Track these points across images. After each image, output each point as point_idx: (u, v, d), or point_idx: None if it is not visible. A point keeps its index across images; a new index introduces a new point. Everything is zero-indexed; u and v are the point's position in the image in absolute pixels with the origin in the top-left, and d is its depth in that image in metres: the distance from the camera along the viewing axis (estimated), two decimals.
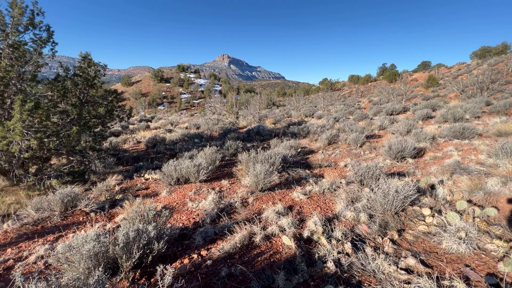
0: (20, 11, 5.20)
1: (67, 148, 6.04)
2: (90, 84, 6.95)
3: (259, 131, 11.10)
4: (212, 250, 2.54)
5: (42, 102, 5.57)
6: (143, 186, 5.34)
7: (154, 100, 46.65)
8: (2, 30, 5.23)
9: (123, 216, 3.67)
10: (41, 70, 5.95)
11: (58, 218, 3.80)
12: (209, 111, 29.76)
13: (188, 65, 77.44)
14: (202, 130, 14.01)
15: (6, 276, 2.40)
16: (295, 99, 25.80)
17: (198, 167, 4.88)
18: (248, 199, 3.96)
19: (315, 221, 2.86)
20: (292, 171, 5.35)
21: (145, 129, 16.81)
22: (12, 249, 2.93)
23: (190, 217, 3.52)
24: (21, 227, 3.58)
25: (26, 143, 4.92)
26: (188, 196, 4.35)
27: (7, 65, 4.92)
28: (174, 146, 9.26)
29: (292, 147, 7.31)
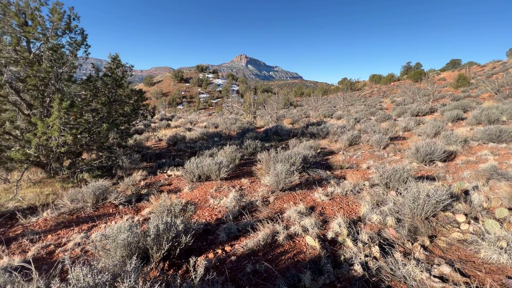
0: (59, 16, 5.61)
1: (97, 144, 6.42)
2: (118, 84, 7.33)
3: (277, 131, 11.07)
4: (236, 247, 2.58)
5: (77, 101, 5.97)
6: (166, 182, 5.53)
7: (174, 99, 48.14)
8: (43, 34, 5.66)
9: (149, 210, 3.84)
10: (76, 71, 6.37)
11: (91, 209, 4.06)
12: (226, 111, 30.17)
13: (207, 66, 79.08)
14: (220, 129, 14.24)
15: (49, 260, 2.61)
16: (313, 99, 25.40)
17: (219, 165, 4.97)
18: (269, 198, 3.97)
19: (339, 223, 2.80)
20: (313, 171, 5.28)
21: (166, 128, 17.41)
22: (52, 236, 3.18)
23: (212, 214, 3.60)
24: (59, 216, 3.87)
25: (62, 139, 5.30)
26: (210, 193, 4.45)
27: (47, 67, 5.33)
28: (194, 144, 9.51)
29: (311, 147, 7.20)
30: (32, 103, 5.64)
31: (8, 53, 5.12)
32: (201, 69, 71.15)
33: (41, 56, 5.77)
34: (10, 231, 3.42)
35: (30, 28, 5.31)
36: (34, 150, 5.06)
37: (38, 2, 5.49)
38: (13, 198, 4.79)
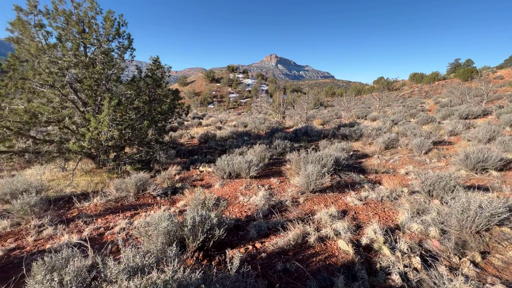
0: (111, 24, 6.22)
1: (138, 139, 6.98)
2: (157, 84, 7.87)
3: (306, 131, 10.86)
4: (266, 244, 2.61)
5: (122, 100, 6.56)
6: (198, 178, 5.80)
7: (205, 99, 50.08)
8: (97, 40, 6.33)
9: (183, 203, 4.07)
10: (123, 72, 7.01)
11: (133, 198, 4.44)
12: (255, 110, 30.46)
13: (237, 66, 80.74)
14: (249, 128, 14.44)
15: (100, 240, 2.93)
16: (345, 99, 24.35)
17: (249, 164, 5.06)
18: (298, 199, 3.93)
19: (375, 229, 2.67)
20: (345, 174, 5.08)
21: (198, 126, 18.22)
22: (101, 220, 3.56)
23: (242, 210, 3.69)
24: (106, 202, 4.31)
25: (110, 133, 5.88)
26: (239, 190, 4.56)
27: (100, 69, 5.95)
28: (224, 142, 9.80)
29: (343, 149, 6.93)
30: (87, 101, 6.34)
31: (69, 58, 5.82)
32: (232, 69, 72.85)
33: (95, 60, 6.45)
34: (68, 212, 3.91)
35: (87, 35, 5.97)
36: (87, 143, 5.69)
37: (94, 12, 6.15)
38: (70, 185, 5.46)
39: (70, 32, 5.99)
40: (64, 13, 5.77)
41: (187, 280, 1.33)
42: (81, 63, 5.85)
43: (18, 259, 2.57)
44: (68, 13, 5.82)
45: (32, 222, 3.36)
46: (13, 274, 2.30)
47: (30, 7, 5.24)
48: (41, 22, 5.40)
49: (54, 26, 5.72)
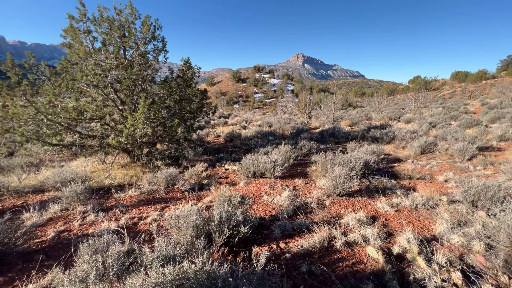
0: (147, 28, 6.65)
1: (169, 137, 7.37)
2: (187, 84, 8.22)
3: (333, 132, 10.52)
4: (290, 245, 2.59)
5: (156, 99, 6.98)
6: (223, 175, 5.94)
7: (231, 98, 51.06)
8: (135, 43, 6.80)
9: (209, 199, 4.21)
10: (157, 73, 7.45)
11: (163, 192, 4.70)
12: (280, 110, 30.29)
13: (263, 66, 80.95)
14: (274, 128, 14.41)
15: (134, 229, 3.17)
16: (376, 99, 23.09)
17: (274, 163, 5.06)
18: (324, 202, 3.83)
19: (408, 238, 2.50)
20: (374, 179, 4.83)
21: (224, 125, 18.66)
22: (135, 210, 3.84)
23: (266, 210, 3.70)
24: (140, 194, 4.63)
25: (144, 130, 6.29)
26: (264, 190, 4.58)
27: (137, 70, 6.40)
28: (249, 141, 9.90)
29: (374, 152, 6.58)
30: (125, 100, 6.86)
31: (111, 60, 6.35)
32: (258, 70, 73.28)
33: (133, 61, 6.94)
34: (107, 202, 4.28)
35: (127, 39, 6.45)
36: (124, 138, 6.15)
37: (134, 17, 6.63)
38: (108, 176, 5.95)
39: (112, 37, 6.52)
40: (108, 20, 6.30)
41: (216, 272, 1.39)
42: (121, 65, 6.34)
43: (67, 240, 2.89)
44: (111, 19, 6.34)
45: (78, 208, 3.74)
46: (63, 253, 2.59)
47: (80, 15, 5.81)
48: (89, 29, 5.96)
49: (99, 32, 6.27)
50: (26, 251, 2.66)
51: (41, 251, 2.67)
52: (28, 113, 5.31)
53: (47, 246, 2.78)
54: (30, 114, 5.31)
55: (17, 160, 7.28)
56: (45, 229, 3.20)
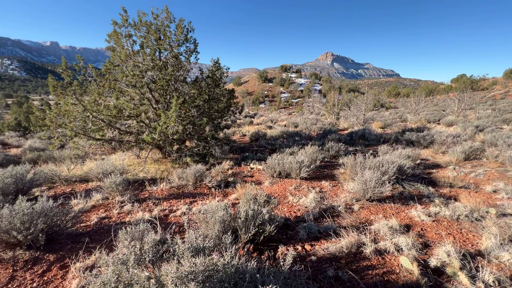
0: (181, 30, 6.99)
1: (197, 135, 7.66)
2: (216, 84, 8.47)
3: (364, 134, 10.02)
4: (316, 248, 2.54)
5: (186, 98, 7.31)
6: (248, 174, 6.01)
7: (257, 98, 51.37)
8: (169, 45, 7.19)
9: (235, 196, 4.30)
10: (188, 74, 7.79)
11: (191, 187, 4.91)
12: (307, 111, 29.70)
13: (290, 65, 79.99)
14: (300, 129, 14.18)
15: (165, 221, 3.36)
16: (413, 100, 21.44)
17: (300, 164, 4.98)
18: (352, 206, 3.68)
19: (448, 251, 2.29)
20: (409, 185, 4.50)
21: (249, 124, 18.87)
22: (166, 203, 4.07)
23: (291, 210, 3.67)
24: (170, 188, 4.89)
25: (175, 128, 6.63)
26: (289, 190, 4.54)
27: (171, 71, 6.76)
28: (274, 141, 9.88)
29: (409, 157, 6.14)
30: (159, 99, 7.29)
31: (147, 62, 6.79)
32: (285, 69, 72.66)
33: (167, 63, 7.34)
34: (141, 194, 4.60)
35: (162, 41, 6.85)
36: (157, 135, 6.54)
37: (169, 21, 7.01)
38: (142, 170, 6.38)
39: (149, 40, 6.96)
40: (146, 24, 6.74)
41: (243, 267, 1.42)
42: (156, 66, 6.75)
43: (107, 226, 3.17)
44: (149, 24, 6.78)
45: (117, 198, 4.08)
46: (104, 238, 2.85)
47: (122, 21, 6.32)
48: (130, 33, 6.44)
49: (138, 35, 6.74)
50: (74, 233, 2.99)
51: (86, 234, 2.97)
52: (77, 110, 5.92)
53: (91, 230, 3.08)
54: (78, 111, 5.91)
55: (66, 152, 8.17)
56: (89, 215, 3.55)
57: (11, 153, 9.18)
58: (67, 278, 2.16)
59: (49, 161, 7.76)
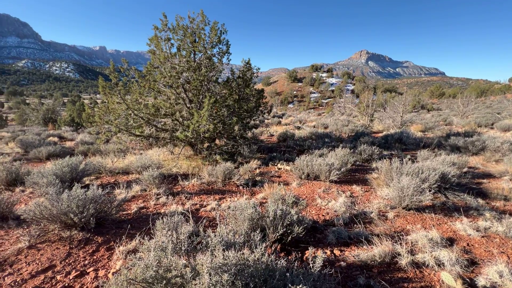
0: (215, 33, 7.25)
1: (227, 133, 7.87)
2: (246, 85, 8.60)
3: (400, 138, 9.34)
4: (346, 253, 2.46)
5: (218, 98, 7.56)
6: (276, 174, 6.02)
7: (286, 98, 50.89)
8: (203, 47, 7.50)
9: (262, 195, 4.34)
10: (220, 74, 8.04)
11: (220, 184, 5.08)
12: (337, 111, 28.60)
13: (321, 65, 77.62)
14: (330, 130, 13.73)
15: (196, 214, 3.54)
16: (460, 101, 19.34)
17: (330, 167, 4.84)
18: (386, 213, 3.47)
19: (500, 271, 2.04)
20: (454, 195, 4.09)
21: (277, 124, 18.81)
22: (197, 198, 4.28)
23: (319, 213, 3.59)
24: (201, 184, 5.12)
25: (207, 127, 6.91)
26: (317, 193, 4.44)
27: (204, 72, 7.06)
28: (303, 142, 9.72)
29: (454, 164, 5.56)
30: (192, 99, 7.66)
31: (183, 64, 7.18)
32: (315, 69, 70.82)
33: (200, 64, 7.67)
34: (174, 187, 4.89)
35: (197, 44, 7.18)
36: (190, 133, 6.88)
37: (204, 24, 7.33)
38: (175, 166, 6.77)
39: (185, 42, 7.34)
40: (183, 27, 7.13)
41: (273, 265, 1.44)
42: (191, 68, 7.11)
43: (145, 216, 3.45)
44: (185, 27, 7.15)
45: (153, 190, 4.41)
46: (143, 226, 3.11)
47: (162, 25, 6.77)
48: (168, 36, 6.88)
49: (175, 39, 7.15)
50: (118, 219, 3.30)
51: (127, 221, 3.27)
52: (121, 108, 6.50)
53: (131, 218, 3.38)
54: (122, 109, 6.49)
55: (111, 146, 9.01)
56: (130, 204, 3.89)
57: (66, 146, 10.43)
58: (112, 259, 2.41)
59: (97, 153, 8.65)
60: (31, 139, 9.95)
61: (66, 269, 2.27)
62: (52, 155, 7.96)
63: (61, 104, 31.70)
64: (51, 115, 20.11)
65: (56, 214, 2.65)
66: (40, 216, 2.64)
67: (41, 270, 2.25)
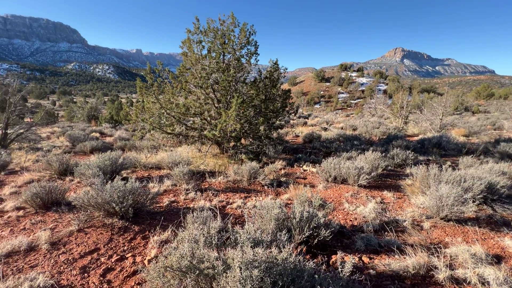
0: (244, 34, 7.38)
1: (252, 133, 7.97)
2: (273, 85, 8.61)
3: (439, 142, 8.60)
4: (376, 261, 2.36)
5: (245, 98, 7.68)
6: (301, 176, 5.95)
7: (312, 98, 49.78)
8: (232, 48, 7.68)
9: (287, 196, 4.32)
10: (248, 75, 8.16)
11: (246, 183, 5.17)
12: (367, 113, 27.22)
13: (351, 64, 74.41)
14: (359, 132, 13.15)
15: (223, 211, 3.66)
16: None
17: (359, 170, 4.66)
18: (421, 223, 3.24)
19: None
20: (503, 208, 3.67)
21: (303, 125, 18.51)
22: (223, 195, 4.41)
23: (347, 218, 3.48)
24: (227, 182, 5.26)
25: (234, 126, 7.07)
26: (345, 197, 4.30)
27: (233, 73, 7.23)
28: (329, 144, 9.45)
29: (503, 173, 4.99)
30: (220, 99, 7.89)
31: (213, 65, 7.43)
32: (344, 68, 68.16)
33: (229, 65, 7.87)
34: (202, 184, 5.10)
35: (226, 45, 7.37)
36: (217, 132, 7.10)
37: (234, 25, 7.50)
38: (203, 163, 7.03)
39: (216, 44, 7.58)
40: (213, 30, 7.37)
41: (301, 265, 1.45)
42: (220, 69, 7.33)
43: (176, 209, 3.66)
44: (216, 29, 7.39)
45: (183, 185, 4.65)
46: (174, 218, 3.31)
47: (195, 28, 7.07)
48: (200, 39, 7.17)
49: (206, 41, 7.42)
50: (151, 211, 3.56)
51: (160, 213, 3.50)
52: (155, 107, 6.93)
53: (163, 211, 3.62)
54: (156, 108, 6.91)
55: (145, 143, 9.66)
56: (162, 197, 4.15)
57: (106, 141, 11.41)
58: (147, 247, 2.61)
59: (132, 149, 9.35)
60: (77, 134, 11.08)
61: (108, 252, 2.51)
62: (95, 149, 8.78)
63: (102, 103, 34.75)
64: (93, 113, 22.16)
65: (100, 203, 2.95)
66: (88, 203, 2.96)
67: (88, 251, 2.52)
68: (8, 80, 18.21)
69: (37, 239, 2.64)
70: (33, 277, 2.03)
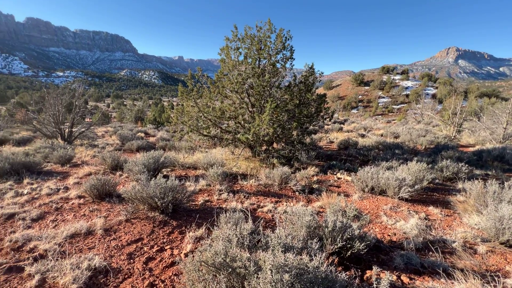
0: (280, 39, 7.46)
1: (285, 138, 7.94)
2: (308, 89, 8.49)
3: (502, 155, 7.48)
4: (417, 283, 2.16)
5: (279, 103, 7.72)
6: (335, 184, 5.72)
7: (349, 103, 47.47)
8: (268, 54, 7.80)
9: (319, 204, 4.21)
10: (283, 80, 8.20)
11: (277, 188, 5.18)
12: (412, 119, 24.92)
13: (394, 66, 69.02)
14: (402, 140, 12.13)
15: (254, 214, 3.73)
16: None
17: (400, 182, 4.31)
18: (475, 246, 2.87)
19: None
20: None
21: (338, 131, 17.77)
22: (255, 198, 4.49)
23: (384, 233, 3.25)
24: (258, 185, 5.34)
25: (267, 130, 7.15)
26: (382, 210, 4.02)
27: (268, 78, 7.35)
28: (367, 152, 8.92)
29: None
30: (254, 103, 8.06)
31: (249, 70, 7.64)
32: (387, 70, 63.56)
33: (264, 70, 8.00)
34: (234, 186, 5.25)
35: (262, 51, 7.53)
36: (251, 136, 7.25)
37: (270, 32, 7.64)
38: (235, 166, 7.23)
39: (252, 50, 7.80)
40: (250, 36, 7.60)
41: (333, 276, 1.42)
42: (255, 74, 7.51)
43: (210, 208, 3.85)
44: (252, 36, 7.60)
45: (217, 186, 4.86)
46: (208, 217, 3.49)
47: (233, 36, 7.39)
48: (237, 46, 7.46)
49: (243, 47, 7.68)
50: (188, 208, 3.80)
51: (195, 211, 3.72)
52: (194, 111, 7.39)
53: (198, 209, 3.83)
54: (195, 112, 7.37)
55: (183, 144, 10.33)
56: (197, 196, 4.40)
57: (150, 141, 12.50)
58: (184, 241, 2.81)
59: (172, 149, 10.07)
60: (126, 134, 12.36)
61: (150, 243, 2.77)
62: (140, 148, 9.69)
63: (147, 106, 38.22)
64: (140, 115, 24.49)
65: (145, 197, 3.26)
66: (135, 197, 3.30)
67: (133, 240, 2.81)
68: (74, 85, 21.27)
69: (94, 225, 3.04)
70: (90, 258, 2.34)
